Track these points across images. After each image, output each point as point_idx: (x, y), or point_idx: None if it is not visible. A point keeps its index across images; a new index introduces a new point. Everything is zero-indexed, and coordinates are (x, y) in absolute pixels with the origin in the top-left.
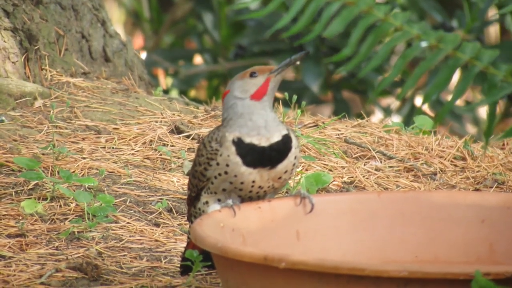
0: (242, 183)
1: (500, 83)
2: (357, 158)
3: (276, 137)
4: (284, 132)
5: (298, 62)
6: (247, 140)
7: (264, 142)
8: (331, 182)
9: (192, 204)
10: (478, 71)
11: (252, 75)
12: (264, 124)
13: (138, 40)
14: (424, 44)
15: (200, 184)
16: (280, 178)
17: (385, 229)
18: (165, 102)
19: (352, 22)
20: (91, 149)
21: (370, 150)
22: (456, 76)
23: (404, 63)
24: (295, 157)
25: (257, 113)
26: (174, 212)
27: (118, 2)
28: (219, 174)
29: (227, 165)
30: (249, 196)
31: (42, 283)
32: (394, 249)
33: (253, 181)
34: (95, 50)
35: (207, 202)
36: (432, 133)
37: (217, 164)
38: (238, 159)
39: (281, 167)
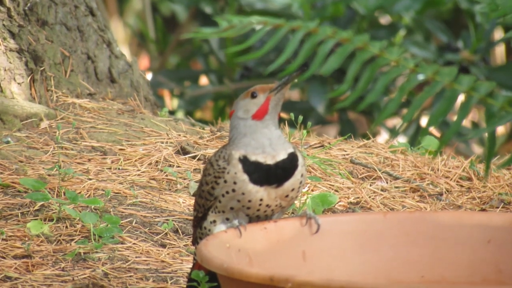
0: (249, 201)
1: (499, 112)
2: (363, 178)
3: (282, 155)
4: (290, 150)
5: (296, 80)
6: (252, 158)
7: (269, 160)
8: (337, 203)
9: (198, 225)
10: (475, 101)
11: (253, 95)
12: (268, 143)
13: (144, 61)
14: (420, 77)
15: (207, 203)
16: (287, 196)
17: (391, 249)
18: (170, 123)
19: (349, 56)
20: (97, 170)
21: (376, 170)
22: (460, 98)
23: (402, 96)
24: (302, 175)
25: (260, 132)
26: (180, 233)
27: (123, 23)
28: (227, 192)
29: (235, 183)
30: (257, 215)
31: None
32: (400, 269)
33: (261, 199)
34: (101, 71)
35: (214, 221)
36: (438, 153)
37: (225, 181)
38: (245, 177)
39: (288, 185)
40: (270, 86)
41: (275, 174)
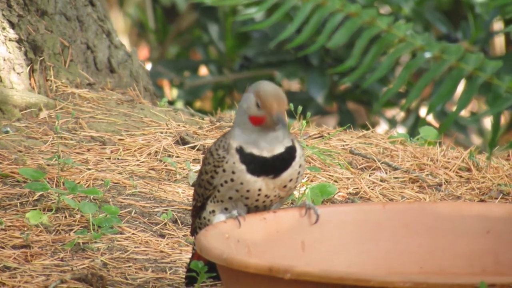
0: (248, 191)
1: (504, 94)
2: (362, 169)
3: (279, 149)
4: (288, 144)
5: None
6: (247, 150)
7: (265, 153)
8: (336, 193)
9: (197, 215)
10: (482, 82)
11: (257, 104)
12: (263, 141)
13: (143, 51)
14: (427, 55)
15: (206, 193)
16: (285, 186)
17: (390, 240)
18: (170, 113)
19: (356, 32)
20: (96, 160)
21: (375, 161)
22: (460, 87)
23: (407, 74)
24: (300, 166)
25: (255, 132)
26: (179, 223)
27: (123, 13)
28: (226, 182)
29: (233, 172)
30: (255, 205)
31: None
32: (399, 260)
33: (259, 190)
34: (100, 61)
35: (213, 211)
36: (437, 144)
37: (224, 171)
38: (242, 167)
39: (285, 175)
40: (273, 112)
41: (272, 165)
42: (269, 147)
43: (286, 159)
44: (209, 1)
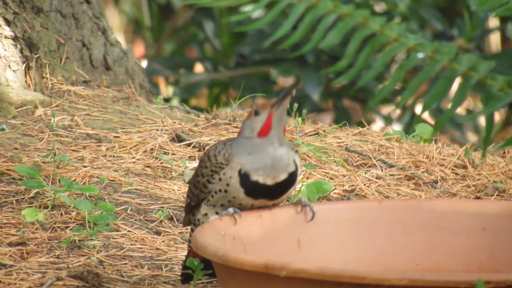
0: (240, 204)
1: (498, 93)
2: (358, 166)
3: (283, 176)
4: (292, 169)
5: (294, 92)
6: (254, 177)
7: (269, 181)
8: (332, 191)
9: (191, 212)
10: (474, 82)
11: (256, 112)
12: (271, 163)
13: (139, 48)
14: (420, 55)
15: (201, 195)
16: (281, 201)
17: (386, 237)
18: (166, 110)
19: (350, 32)
20: (92, 158)
21: (371, 158)
22: (455, 84)
23: (401, 74)
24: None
25: (265, 151)
26: (175, 221)
27: (118, 10)
28: (220, 191)
29: (227, 185)
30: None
31: None
32: (395, 257)
33: (252, 205)
34: (96, 59)
35: (206, 214)
36: (433, 141)
37: (219, 180)
38: (241, 189)
39: (283, 197)
40: (271, 102)
41: (273, 192)
42: (273, 173)
43: (288, 185)
44: (205, 1)
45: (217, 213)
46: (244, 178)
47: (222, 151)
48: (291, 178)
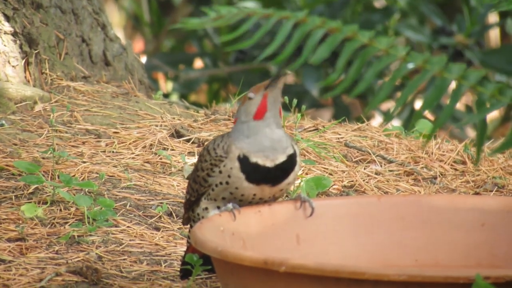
0: (242, 195)
1: (489, 100)
2: (357, 162)
3: (282, 158)
4: (290, 151)
5: (288, 72)
6: (253, 159)
7: (269, 163)
8: (331, 186)
9: (190, 208)
10: (465, 89)
11: (250, 97)
12: (269, 144)
13: (138, 44)
14: (410, 65)
15: (201, 189)
16: (282, 190)
17: (385, 233)
18: (165, 106)
19: (341, 43)
20: (91, 153)
21: (370, 154)
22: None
23: (392, 84)
24: (298, 167)
25: (262, 133)
26: (174, 216)
27: (118, 6)
28: (220, 183)
29: (229, 177)
30: (248, 205)
31: (42, 287)
32: (394, 253)
33: (254, 194)
34: (95, 54)
35: (206, 209)
36: (432, 137)
37: (220, 172)
38: (241, 175)
39: (284, 183)
40: (264, 83)
41: (273, 175)
42: (272, 155)
43: (288, 168)
44: (192, 25)
45: (218, 207)
46: (244, 162)
47: (220, 143)
48: (291, 161)
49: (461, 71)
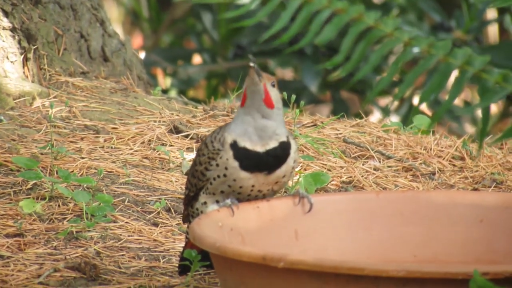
0: (241, 187)
1: (494, 87)
2: (356, 157)
3: (273, 144)
4: (282, 139)
5: (251, 64)
6: (241, 144)
7: (259, 148)
8: (330, 182)
9: (189, 204)
10: (470, 76)
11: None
12: (253, 131)
13: (137, 40)
14: (415, 50)
15: (199, 183)
16: (278, 182)
17: (383, 228)
18: (163, 101)
19: (346, 26)
20: (90, 149)
21: (368, 149)
22: (452, 76)
23: (397, 68)
24: (294, 161)
25: (242, 118)
26: (173, 212)
27: (117, 2)
28: (218, 176)
29: (226, 168)
30: (247, 199)
31: (40, 283)
32: (393, 248)
33: (253, 186)
34: (94, 50)
35: (205, 203)
36: (431, 132)
37: (217, 165)
38: (236, 163)
39: (279, 172)
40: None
41: (265, 161)
42: (261, 141)
43: (280, 155)
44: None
45: (217, 201)
46: (235, 147)
47: (217, 136)
48: (283, 149)
49: (466, 57)
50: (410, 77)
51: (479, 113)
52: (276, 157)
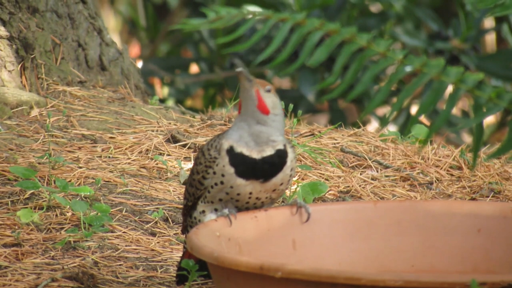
0: (238, 194)
1: (487, 104)
2: (353, 167)
3: (269, 151)
4: (279, 147)
5: (238, 69)
6: (238, 149)
7: (255, 155)
8: (328, 192)
9: (188, 214)
10: (463, 93)
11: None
12: (249, 138)
13: (135, 49)
14: (408, 68)
15: (197, 192)
16: (275, 190)
17: (381, 238)
18: (161, 111)
19: (339, 45)
20: (87, 158)
21: (366, 159)
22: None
23: (390, 86)
24: (291, 169)
25: (241, 125)
26: (170, 222)
27: (114, 11)
28: (216, 184)
29: (223, 175)
30: (246, 207)
31: None
32: (390, 258)
33: (250, 193)
34: (92, 59)
35: (203, 212)
36: (428, 142)
37: (214, 173)
38: (232, 170)
39: (275, 180)
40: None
41: (261, 168)
42: (257, 147)
43: (276, 163)
44: (190, 26)
45: (215, 209)
46: (231, 153)
47: (214, 143)
48: (280, 157)
49: (458, 75)
50: (405, 93)
51: None
52: (272, 165)
